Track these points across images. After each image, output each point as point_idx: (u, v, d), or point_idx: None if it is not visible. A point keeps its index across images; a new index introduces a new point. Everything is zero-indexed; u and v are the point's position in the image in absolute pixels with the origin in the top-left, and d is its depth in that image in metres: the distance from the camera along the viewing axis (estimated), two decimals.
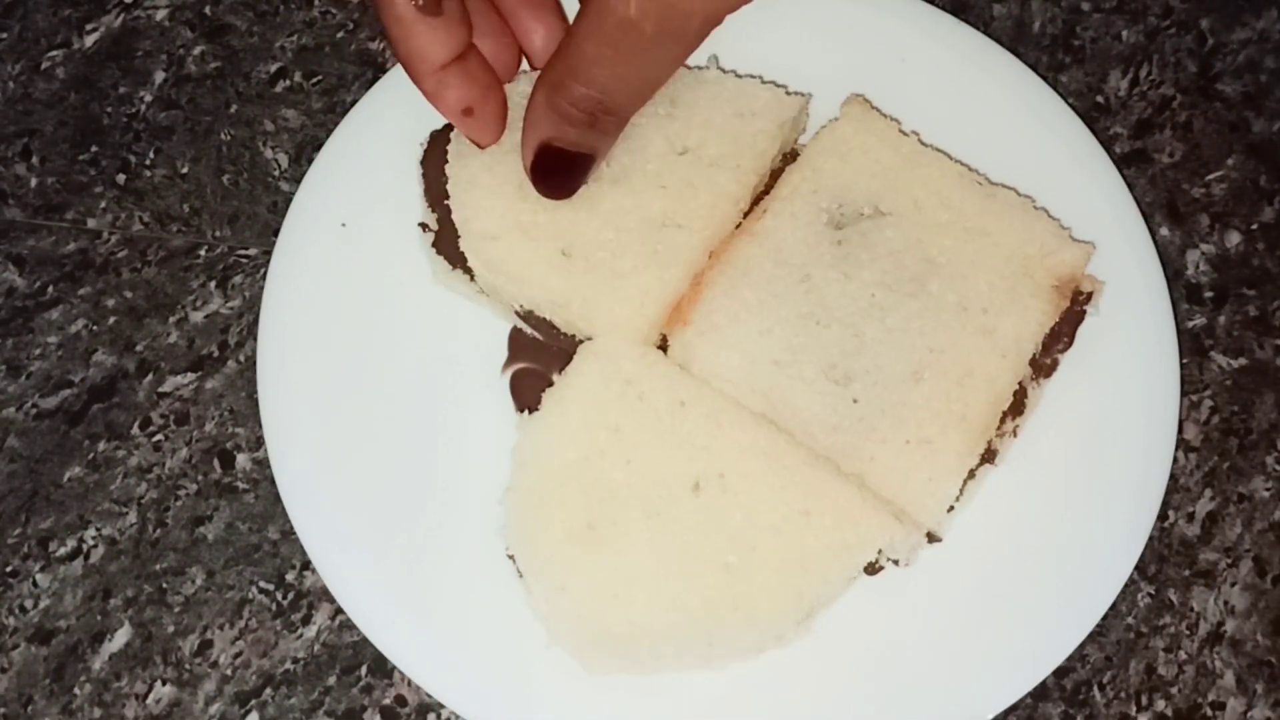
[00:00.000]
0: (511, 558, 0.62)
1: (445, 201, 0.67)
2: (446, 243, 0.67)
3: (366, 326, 0.68)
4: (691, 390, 0.63)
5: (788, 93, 0.70)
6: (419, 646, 0.62)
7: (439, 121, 0.67)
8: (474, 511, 0.64)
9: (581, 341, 0.66)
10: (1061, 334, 0.65)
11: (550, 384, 0.66)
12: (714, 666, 0.61)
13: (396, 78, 0.71)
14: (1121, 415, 0.66)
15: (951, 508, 0.62)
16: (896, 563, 0.63)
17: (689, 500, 0.61)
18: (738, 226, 0.67)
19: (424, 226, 0.68)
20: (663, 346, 0.65)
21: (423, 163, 0.68)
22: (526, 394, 0.67)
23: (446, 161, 0.67)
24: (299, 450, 0.65)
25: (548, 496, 0.61)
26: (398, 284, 0.69)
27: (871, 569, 0.63)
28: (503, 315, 0.69)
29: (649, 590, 0.60)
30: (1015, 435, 0.64)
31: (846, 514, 0.60)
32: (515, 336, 0.69)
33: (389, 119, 0.70)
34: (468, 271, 0.66)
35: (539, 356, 0.68)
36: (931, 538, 0.63)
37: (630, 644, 0.59)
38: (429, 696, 0.65)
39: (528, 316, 0.67)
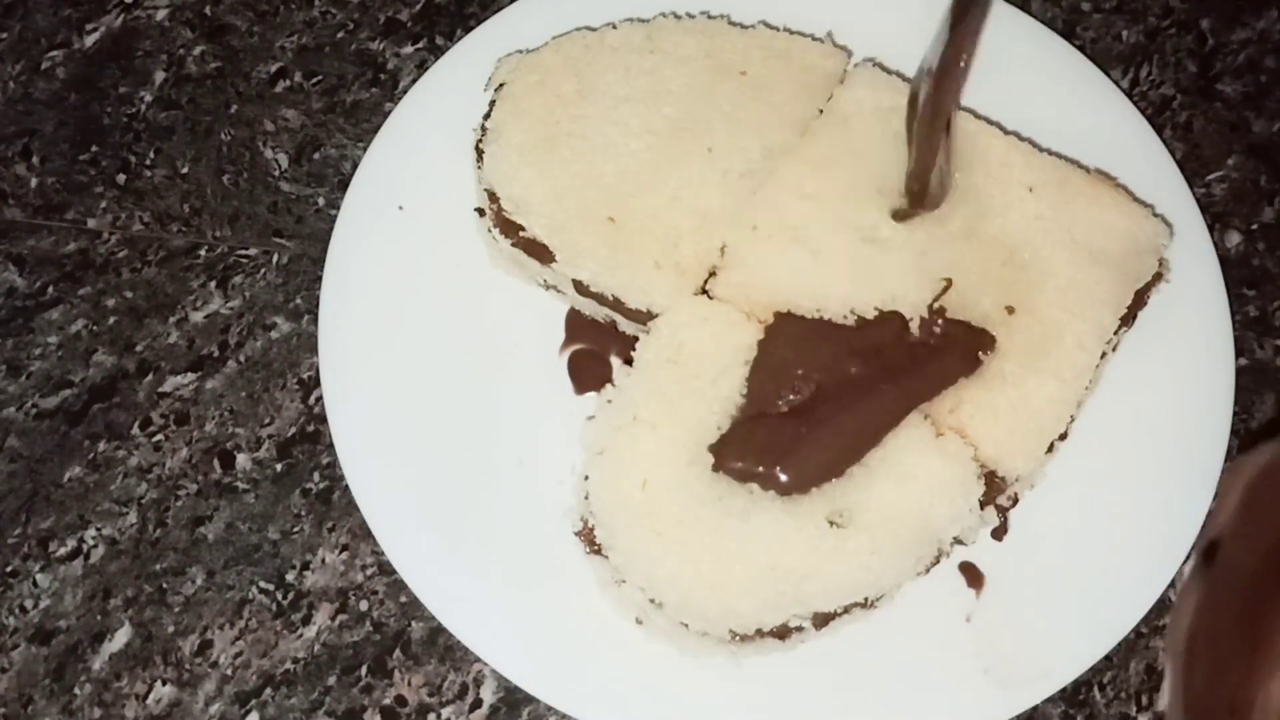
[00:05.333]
0: (578, 535, 0.62)
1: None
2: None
3: (425, 310, 0.68)
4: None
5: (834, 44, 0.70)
6: (485, 624, 0.62)
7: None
8: (535, 491, 0.65)
9: (636, 312, 0.65)
10: (1133, 312, 0.66)
11: (608, 365, 0.66)
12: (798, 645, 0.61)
13: (449, 63, 0.71)
14: (1177, 405, 0.67)
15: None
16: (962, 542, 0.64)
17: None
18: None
19: (480, 211, 0.68)
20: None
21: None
22: (585, 375, 0.68)
23: None
24: (363, 435, 0.65)
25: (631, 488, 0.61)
26: (455, 267, 0.69)
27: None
28: (559, 296, 0.69)
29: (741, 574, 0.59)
30: (1075, 417, 0.65)
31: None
32: (573, 318, 0.69)
33: (443, 104, 0.71)
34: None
35: (596, 338, 0.69)
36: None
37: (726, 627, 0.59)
38: (429, 697, 0.65)
39: (583, 290, 0.67)
